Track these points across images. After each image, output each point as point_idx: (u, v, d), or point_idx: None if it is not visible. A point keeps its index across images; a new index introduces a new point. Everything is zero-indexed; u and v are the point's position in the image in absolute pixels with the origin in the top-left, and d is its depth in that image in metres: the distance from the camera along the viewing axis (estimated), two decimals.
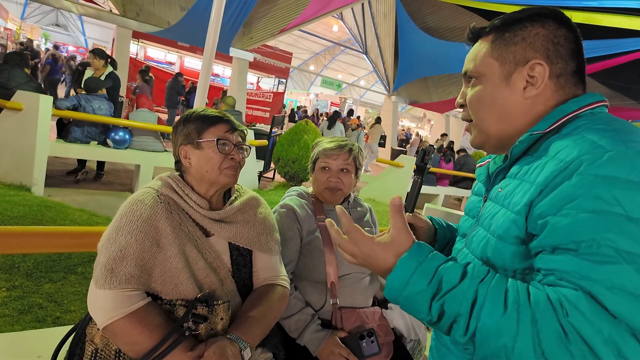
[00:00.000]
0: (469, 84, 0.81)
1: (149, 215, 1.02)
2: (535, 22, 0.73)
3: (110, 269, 0.94)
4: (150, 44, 15.09)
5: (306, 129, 6.31)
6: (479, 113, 0.79)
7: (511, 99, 0.74)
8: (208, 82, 2.85)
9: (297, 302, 1.30)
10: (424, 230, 0.97)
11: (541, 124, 0.71)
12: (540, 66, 0.71)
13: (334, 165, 1.41)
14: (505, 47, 0.75)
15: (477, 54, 0.79)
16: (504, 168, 0.77)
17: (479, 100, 0.78)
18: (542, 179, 0.63)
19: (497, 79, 0.75)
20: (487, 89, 0.77)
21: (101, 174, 5.02)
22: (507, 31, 0.75)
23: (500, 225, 0.69)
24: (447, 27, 11.08)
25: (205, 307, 0.98)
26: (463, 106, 0.83)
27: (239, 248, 1.16)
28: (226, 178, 1.12)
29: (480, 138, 0.81)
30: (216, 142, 1.10)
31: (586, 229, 0.55)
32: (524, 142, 0.71)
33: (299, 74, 29.31)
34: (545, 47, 0.72)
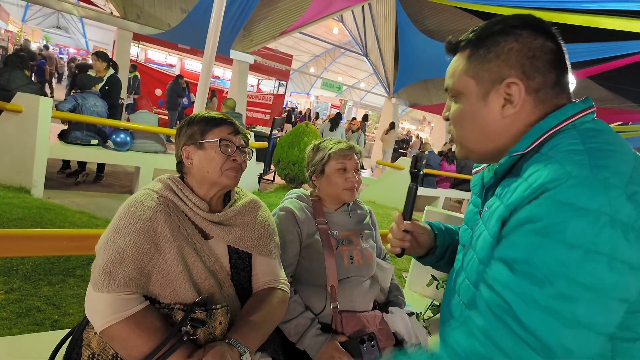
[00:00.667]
0: (451, 99, 0.80)
1: (148, 218, 1.01)
2: (508, 36, 0.71)
3: (108, 271, 0.93)
4: (151, 46, 15.10)
5: (306, 131, 6.30)
6: (460, 130, 0.78)
7: (490, 118, 0.73)
8: (208, 84, 2.84)
9: (296, 306, 1.29)
10: (424, 237, 0.96)
11: (521, 144, 0.70)
12: (515, 85, 0.70)
13: (349, 165, 1.42)
14: (480, 65, 0.73)
15: (454, 70, 0.78)
16: (492, 185, 0.77)
17: (459, 118, 0.78)
18: (512, 201, 0.64)
19: (474, 97, 0.74)
20: (466, 107, 0.76)
21: (101, 176, 5.01)
22: (481, 47, 0.73)
23: (482, 248, 0.70)
24: (447, 29, 11.08)
25: (204, 312, 0.97)
26: (448, 119, 0.82)
27: (239, 251, 1.15)
28: (227, 179, 1.12)
29: (463, 152, 0.81)
30: (219, 143, 1.10)
31: (526, 249, 0.59)
32: (504, 164, 0.71)
33: (299, 76, 29.35)
34: (521, 63, 0.69)
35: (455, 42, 0.79)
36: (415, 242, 0.96)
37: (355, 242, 1.42)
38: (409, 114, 27.80)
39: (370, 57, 13.09)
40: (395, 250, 0.94)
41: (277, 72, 15.74)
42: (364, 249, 1.42)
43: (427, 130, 25.65)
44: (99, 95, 4.44)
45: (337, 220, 1.44)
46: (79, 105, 4.18)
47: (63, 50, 23.06)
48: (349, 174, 1.41)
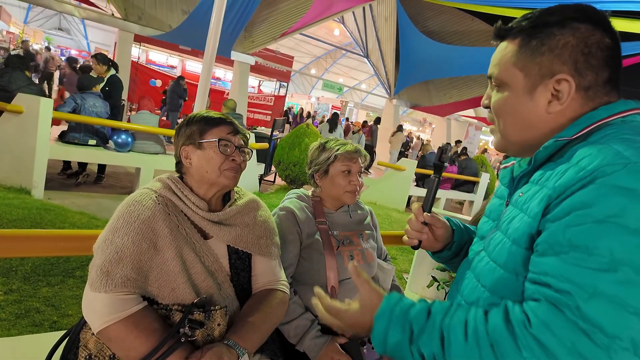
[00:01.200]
0: (493, 86, 0.78)
1: (146, 217, 0.99)
2: (564, 29, 0.67)
3: (106, 271, 0.92)
4: (152, 48, 15.13)
5: (307, 133, 6.30)
6: (502, 121, 0.76)
7: (534, 112, 0.71)
8: (208, 85, 2.84)
9: (296, 307, 1.28)
10: (442, 231, 0.95)
11: (568, 130, 0.68)
12: (566, 82, 0.67)
13: (354, 168, 1.41)
14: (530, 58, 0.70)
15: (501, 58, 0.75)
16: (527, 173, 0.74)
17: (502, 109, 0.75)
18: (561, 184, 0.62)
19: (520, 90, 0.72)
20: (510, 98, 0.73)
21: (102, 176, 5.01)
22: (534, 38, 0.70)
23: (517, 229, 0.68)
24: (448, 30, 11.08)
25: (202, 313, 0.96)
26: (488, 107, 0.80)
27: (238, 251, 1.14)
28: (226, 179, 1.11)
29: (502, 143, 0.79)
30: (217, 143, 1.09)
31: (583, 235, 0.56)
32: (548, 148, 0.69)
33: (300, 77, 29.39)
34: (574, 59, 0.67)
35: (506, 29, 0.75)
36: (433, 236, 0.94)
37: (356, 242, 1.41)
38: (409, 115, 27.79)
39: (371, 59, 13.10)
40: (412, 242, 0.92)
41: (278, 74, 15.76)
42: (365, 250, 1.41)
43: (427, 132, 25.64)
44: (100, 95, 4.44)
45: (338, 221, 1.43)
46: (79, 106, 4.18)
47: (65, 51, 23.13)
48: (353, 176, 1.40)
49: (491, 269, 0.72)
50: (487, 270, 0.74)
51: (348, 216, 1.46)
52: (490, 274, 0.72)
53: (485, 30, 10.58)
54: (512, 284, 0.67)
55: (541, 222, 0.63)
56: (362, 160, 1.45)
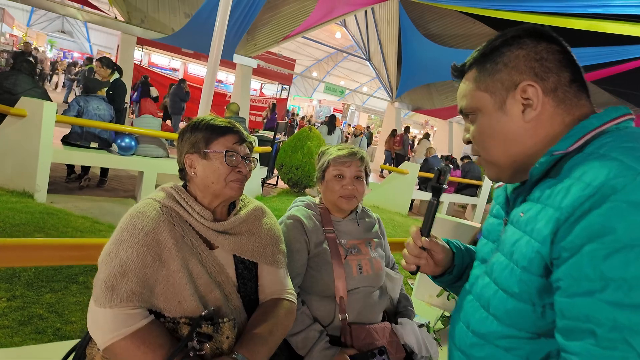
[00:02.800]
0: (468, 120, 0.79)
1: (150, 228, 0.98)
2: (511, 46, 0.71)
3: (110, 285, 0.90)
4: (155, 51, 15.17)
5: (310, 136, 6.29)
6: (484, 147, 0.76)
7: (512, 125, 0.71)
8: (212, 89, 2.83)
9: (304, 318, 1.26)
10: (441, 256, 0.92)
11: (561, 143, 0.66)
12: (531, 87, 0.68)
13: (347, 172, 1.38)
14: (490, 77, 0.73)
15: (465, 90, 0.77)
16: (524, 190, 0.72)
17: (481, 134, 0.76)
18: (568, 204, 0.58)
19: (491, 109, 0.73)
20: (485, 121, 0.74)
21: (104, 180, 5.00)
22: (487, 61, 0.73)
23: (524, 254, 0.65)
24: (449, 34, 11.08)
25: (211, 326, 0.94)
26: (470, 142, 0.80)
27: (245, 261, 1.12)
28: (231, 191, 1.09)
29: (493, 171, 0.78)
30: (224, 154, 1.07)
31: (617, 267, 0.51)
32: (544, 164, 0.67)
33: (301, 80, 29.42)
34: (530, 66, 0.69)
35: (461, 65, 0.79)
36: (432, 261, 0.91)
37: (364, 251, 1.39)
38: (411, 118, 27.76)
39: (373, 61, 13.10)
40: (410, 267, 0.89)
41: (280, 76, 15.79)
42: (373, 259, 1.39)
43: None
44: (105, 99, 4.44)
45: (345, 229, 1.41)
46: (82, 109, 4.18)
47: (67, 54, 23.19)
48: (346, 181, 1.37)
49: (502, 299, 0.69)
50: (498, 300, 0.70)
51: (356, 224, 1.44)
52: (501, 305, 0.69)
53: (486, 34, 10.57)
54: (529, 315, 0.64)
55: (553, 248, 0.59)
56: (359, 164, 1.40)
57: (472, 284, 0.81)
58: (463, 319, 0.80)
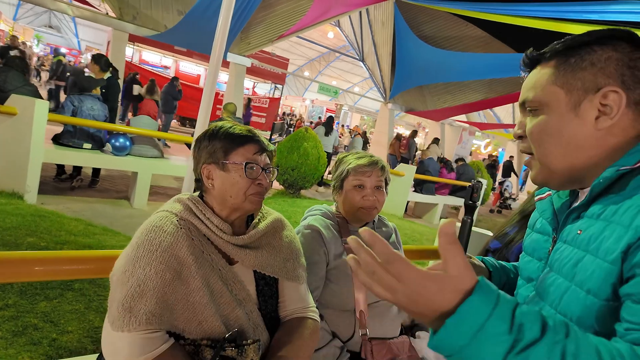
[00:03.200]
0: (527, 114, 0.72)
1: (169, 244, 0.91)
2: (605, 45, 0.65)
3: (128, 307, 0.84)
4: (146, 48, 14.94)
5: (306, 137, 6.24)
6: (542, 146, 0.70)
7: (581, 130, 0.65)
8: (214, 90, 2.75)
9: (324, 334, 1.21)
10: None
11: (628, 158, 0.62)
12: (615, 94, 0.63)
13: (368, 182, 1.32)
14: (571, 74, 0.66)
15: (537, 81, 0.70)
16: (581, 206, 0.68)
17: (542, 132, 0.69)
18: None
19: (563, 108, 0.67)
20: (551, 119, 0.68)
21: (96, 180, 4.88)
22: (572, 56, 0.67)
23: (591, 276, 0.60)
24: (442, 35, 11.12)
25: (235, 348, 0.88)
26: (521, 137, 0.74)
27: (265, 277, 1.06)
28: (251, 205, 1.02)
29: (544, 174, 0.72)
30: (244, 166, 1.00)
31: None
32: (607, 179, 0.63)
33: (294, 79, 29.31)
34: (620, 72, 0.63)
35: (540, 53, 0.71)
36: None
37: None
38: (402, 119, 27.88)
39: (367, 62, 13.08)
40: None
41: (273, 76, 15.69)
42: None
43: (421, 136, 25.73)
44: (99, 98, 4.31)
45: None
46: (76, 108, 4.05)
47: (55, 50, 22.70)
48: (367, 191, 1.32)
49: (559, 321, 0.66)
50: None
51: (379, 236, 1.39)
52: None
53: (478, 36, 10.65)
54: None
55: (624, 268, 0.56)
56: (380, 174, 1.36)
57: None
58: None
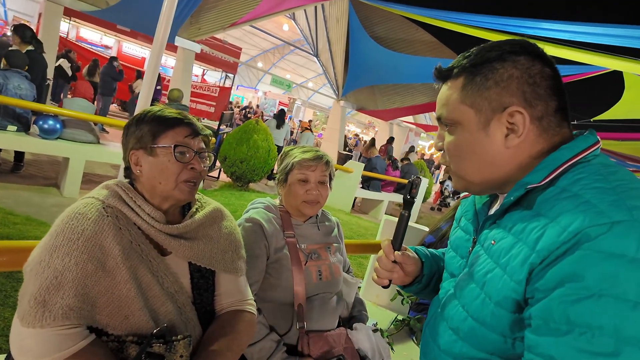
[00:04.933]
0: (445, 128, 0.76)
1: (92, 232, 0.85)
2: (505, 62, 0.67)
3: (42, 301, 0.77)
4: (84, 24, 13.78)
5: (256, 129, 6.13)
6: (458, 161, 0.74)
7: (492, 148, 0.69)
8: (156, 74, 2.60)
9: (261, 328, 1.19)
10: (412, 267, 0.91)
11: (534, 175, 0.66)
12: (519, 114, 0.66)
13: (312, 177, 1.32)
14: (478, 93, 0.69)
15: (447, 98, 0.73)
16: (495, 215, 0.72)
17: (457, 149, 0.73)
18: (544, 246, 0.58)
19: (474, 127, 0.70)
20: (464, 138, 0.71)
21: (20, 165, 4.43)
22: (477, 74, 0.69)
23: (499, 291, 0.65)
24: (394, 38, 11.42)
25: (163, 344, 0.84)
26: (442, 150, 0.77)
27: (201, 269, 1.02)
28: (181, 194, 0.97)
29: (463, 184, 0.76)
30: (173, 149, 0.95)
31: (582, 313, 0.53)
32: (516, 196, 0.67)
33: (246, 69, 28.64)
34: (522, 90, 0.66)
35: (447, 69, 0.74)
36: (403, 273, 0.90)
37: (324, 256, 1.35)
38: (354, 117, 28.36)
39: (321, 58, 13.12)
40: (383, 282, 0.88)
41: (224, 64, 15.18)
42: (332, 264, 1.36)
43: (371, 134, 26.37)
44: (28, 77, 3.90)
45: (306, 233, 1.36)
46: (1, 86, 3.64)
47: None
48: (311, 185, 1.32)
49: (472, 327, 0.70)
50: (467, 327, 0.71)
51: (316, 228, 1.40)
52: (471, 331, 0.70)
53: (428, 41, 11.08)
54: (500, 344, 0.66)
55: (527, 289, 0.60)
56: (325, 168, 1.36)
57: (443, 302, 0.81)
58: (433, 337, 0.80)
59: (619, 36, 4.06)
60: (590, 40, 4.72)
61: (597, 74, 7.08)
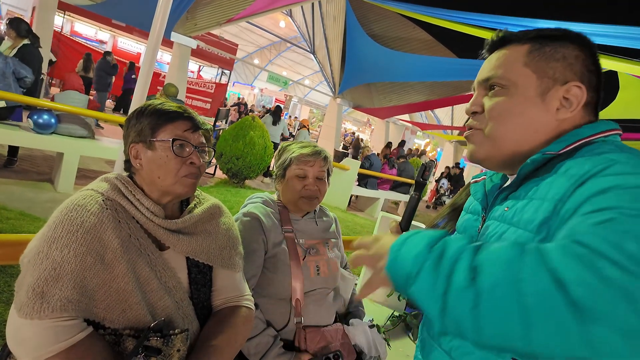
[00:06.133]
0: (485, 92, 0.74)
1: (92, 225, 0.84)
2: (574, 44, 0.70)
3: (40, 292, 0.76)
4: (80, 19, 13.66)
5: (252, 125, 6.11)
6: (500, 124, 0.71)
7: (543, 116, 0.69)
8: (152, 69, 2.57)
9: (258, 323, 1.19)
10: None
11: (554, 145, 0.67)
12: (579, 89, 0.68)
13: (310, 172, 1.32)
14: (545, 61, 0.70)
15: (506, 60, 0.72)
16: (508, 187, 0.72)
17: (506, 110, 0.71)
18: (555, 194, 0.60)
19: (532, 92, 0.70)
20: (517, 100, 0.70)
21: (13, 160, 4.39)
22: (548, 45, 0.70)
23: None
24: (391, 36, 11.42)
25: (160, 338, 0.84)
26: (475, 113, 0.76)
27: (199, 264, 1.02)
28: (183, 188, 0.96)
29: (487, 151, 0.74)
30: (172, 143, 0.94)
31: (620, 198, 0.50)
32: (535, 162, 0.67)
33: (242, 66, 28.53)
34: (582, 72, 0.69)
35: (513, 34, 0.74)
36: None
37: (322, 251, 1.35)
38: (350, 115, 28.37)
39: (318, 55, 13.10)
40: None
41: (221, 60, 15.13)
42: (330, 260, 1.36)
43: (367, 132, 26.40)
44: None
45: (304, 228, 1.36)
46: None
47: None
48: (309, 181, 1.32)
49: None
50: None
51: (314, 223, 1.40)
52: None
53: (425, 39, 11.08)
54: None
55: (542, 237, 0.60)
56: (323, 164, 1.36)
57: None
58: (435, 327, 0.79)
59: (615, 36, 4.09)
60: None
61: None
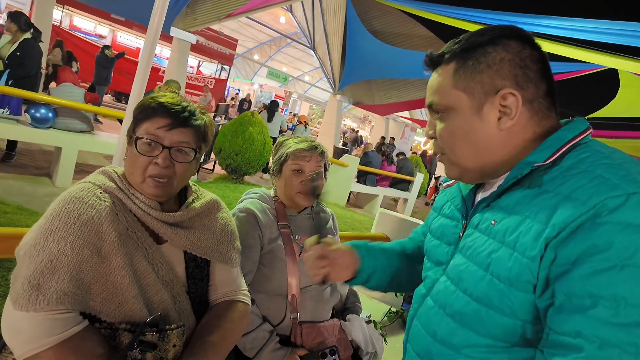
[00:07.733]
0: (436, 116, 0.75)
1: (89, 217, 0.84)
2: (497, 46, 0.68)
3: (36, 284, 0.76)
4: (78, 13, 13.59)
5: (252, 121, 6.10)
6: (452, 148, 0.73)
7: (486, 132, 0.69)
8: (150, 64, 2.56)
9: (254, 318, 1.19)
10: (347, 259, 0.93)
11: (538, 155, 0.66)
12: (512, 96, 0.67)
13: (307, 167, 1.31)
14: (470, 77, 0.69)
15: (439, 84, 0.73)
16: (490, 197, 0.71)
17: (451, 135, 0.72)
18: (560, 220, 0.58)
19: (467, 112, 0.70)
20: (458, 122, 0.71)
21: (12, 154, 4.37)
22: (469, 58, 0.69)
23: (510, 269, 0.63)
24: (391, 32, 11.37)
25: (156, 333, 0.84)
26: (433, 138, 0.77)
27: (196, 258, 1.02)
28: (148, 188, 0.93)
29: (457, 172, 0.76)
30: (135, 141, 0.92)
31: (606, 286, 0.52)
32: (521, 174, 0.66)
33: (242, 62, 28.42)
34: (513, 73, 0.67)
35: (438, 55, 0.74)
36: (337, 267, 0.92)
37: None
38: (350, 111, 28.32)
39: (318, 51, 13.05)
40: (316, 279, 0.90)
41: (220, 55, 15.08)
42: None
43: (367, 129, 26.36)
44: None
45: (300, 224, 1.36)
46: None
47: None
48: (305, 176, 1.31)
49: (476, 310, 0.67)
50: (471, 310, 0.68)
51: (311, 219, 1.40)
52: (476, 316, 0.67)
53: (425, 36, 11.03)
54: (508, 328, 0.64)
55: (542, 266, 0.59)
56: (320, 159, 1.35)
57: (431, 288, 0.79)
58: (426, 328, 0.77)
59: (615, 33, 4.08)
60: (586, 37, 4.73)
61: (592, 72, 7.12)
